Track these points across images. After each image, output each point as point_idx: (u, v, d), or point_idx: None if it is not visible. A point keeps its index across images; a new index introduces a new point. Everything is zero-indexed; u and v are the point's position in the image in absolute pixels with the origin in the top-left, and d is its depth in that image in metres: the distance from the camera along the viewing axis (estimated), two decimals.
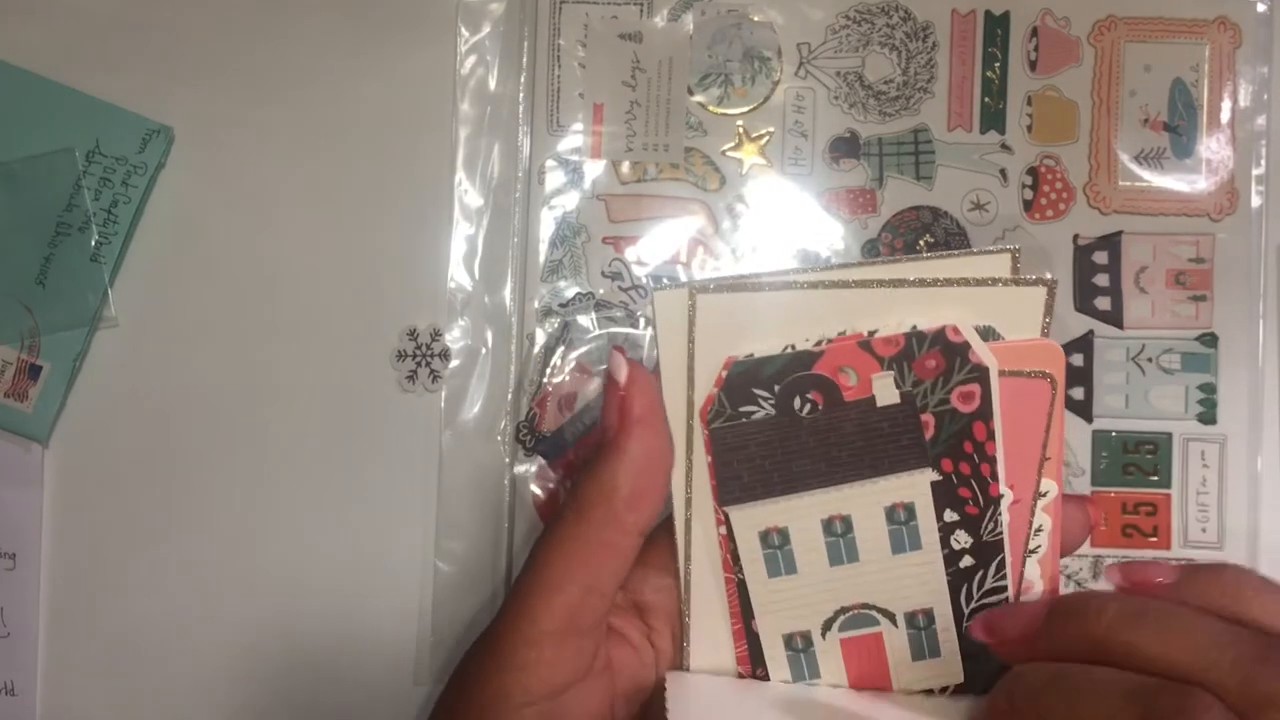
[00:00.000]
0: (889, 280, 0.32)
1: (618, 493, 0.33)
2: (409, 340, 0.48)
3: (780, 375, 0.32)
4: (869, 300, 0.32)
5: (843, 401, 0.33)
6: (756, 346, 0.33)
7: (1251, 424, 0.49)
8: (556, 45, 0.49)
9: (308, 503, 0.48)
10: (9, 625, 0.48)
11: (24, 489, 0.48)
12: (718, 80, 0.49)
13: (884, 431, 0.33)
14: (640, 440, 0.33)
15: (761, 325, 0.33)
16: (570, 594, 0.33)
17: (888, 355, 0.32)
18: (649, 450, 0.33)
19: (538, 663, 0.33)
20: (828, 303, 0.32)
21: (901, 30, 0.49)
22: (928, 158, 0.49)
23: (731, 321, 0.33)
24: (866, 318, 0.33)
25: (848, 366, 0.32)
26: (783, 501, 0.34)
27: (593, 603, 0.33)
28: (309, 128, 0.49)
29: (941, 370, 0.32)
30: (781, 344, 0.33)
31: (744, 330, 0.33)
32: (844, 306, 0.33)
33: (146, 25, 0.49)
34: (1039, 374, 0.33)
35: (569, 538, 0.33)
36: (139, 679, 0.48)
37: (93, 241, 0.48)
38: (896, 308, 0.32)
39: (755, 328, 0.33)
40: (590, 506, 0.33)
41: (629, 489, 0.33)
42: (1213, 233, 0.49)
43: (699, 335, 0.32)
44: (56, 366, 0.48)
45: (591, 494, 0.33)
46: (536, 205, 0.49)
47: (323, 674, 0.48)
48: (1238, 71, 0.49)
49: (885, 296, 0.32)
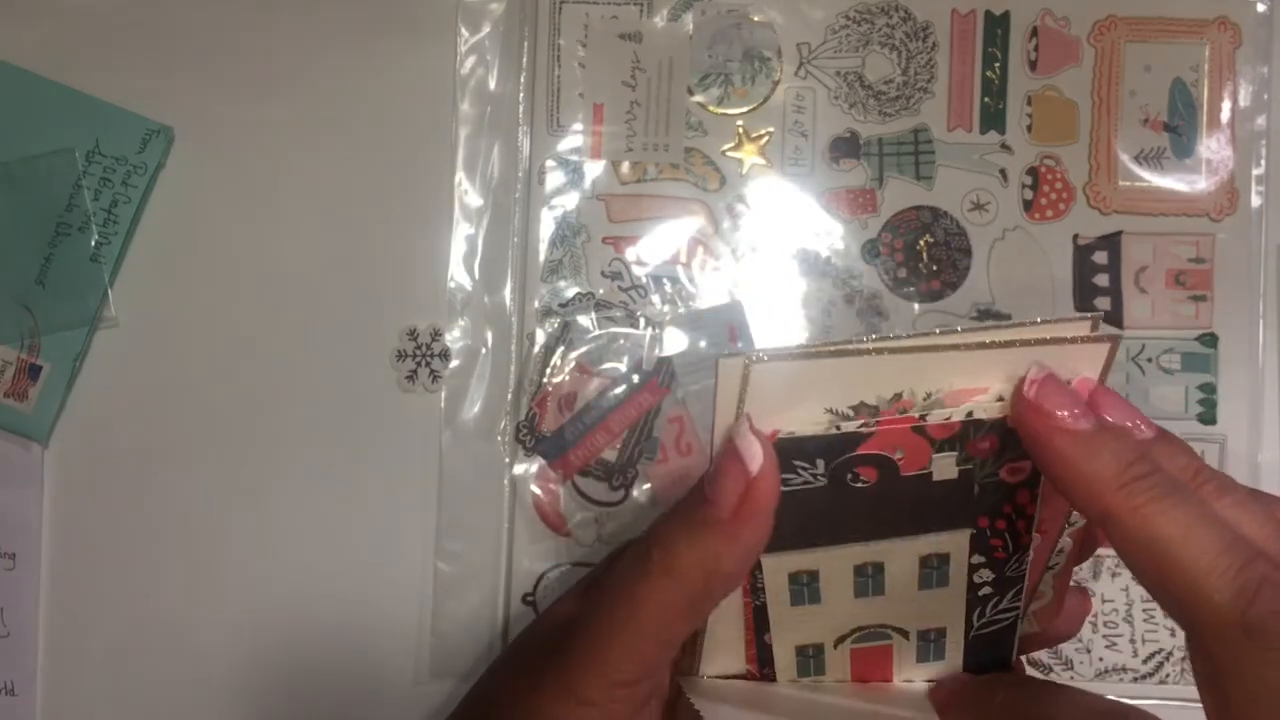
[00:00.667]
0: (945, 346, 0.30)
1: (718, 573, 0.31)
2: (409, 340, 0.48)
3: (828, 451, 0.31)
4: (923, 365, 0.30)
5: (899, 476, 0.31)
6: (810, 410, 0.31)
7: (1251, 424, 0.49)
8: (556, 45, 0.49)
9: (308, 502, 0.48)
10: (9, 625, 0.48)
11: (24, 489, 0.48)
12: (718, 80, 0.49)
13: (935, 499, 0.32)
14: (756, 532, 0.31)
15: (816, 389, 0.31)
16: (648, 651, 0.32)
17: (941, 438, 0.31)
18: (759, 542, 0.31)
19: (610, 708, 0.32)
20: (880, 368, 0.30)
21: (901, 30, 0.49)
22: (928, 158, 0.49)
23: (786, 387, 0.31)
24: (923, 380, 0.31)
25: (900, 447, 0.31)
26: (819, 551, 0.33)
27: (667, 655, 0.33)
28: (309, 128, 0.49)
29: (994, 449, 0.31)
30: (829, 408, 0.31)
31: (800, 395, 0.31)
32: (897, 370, 0.31)
33: (147, 26, 0.49)
34: None
35: (658, 598, 0.31)
36: (139, 679, 0.48)
37: (93, 241, 0.48)
38: (947, 370, 0.31)
39: (810, 390, 0.31)
40: (686, 575, 0.31)
41: (730, 571, 0.31)
42: (1213, 233, 0.49)
43: (751, 401, 0.30)
44: (56, 366, 0.48)
45: (692, 563, 0.31)
46: (536, 205, 0.49)
47: (323, 673, 0.48)
48: (1238, 71, 0.49)
49: (940, 360, 0.30)
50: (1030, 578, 0.34)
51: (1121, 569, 0.49)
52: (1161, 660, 0.49)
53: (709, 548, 0.30)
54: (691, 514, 0.31)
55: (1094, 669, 0.49)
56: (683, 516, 0.31)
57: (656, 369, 0.48)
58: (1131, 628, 0.49)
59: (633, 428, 0.48)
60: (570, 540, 0.48)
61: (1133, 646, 0.49)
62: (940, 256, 0.49)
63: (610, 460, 0.48)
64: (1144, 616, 0.49)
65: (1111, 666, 0.49)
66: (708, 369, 0.48)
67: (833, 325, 0.49)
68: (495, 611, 0.48)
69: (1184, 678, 0.49)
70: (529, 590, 0.48)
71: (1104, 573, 0.49)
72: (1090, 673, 0.49)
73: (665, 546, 0.31)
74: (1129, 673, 0.49)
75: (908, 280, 0.49)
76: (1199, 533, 0.27)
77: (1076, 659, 0.49)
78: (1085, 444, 0.29)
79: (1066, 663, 0.49)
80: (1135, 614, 0.49)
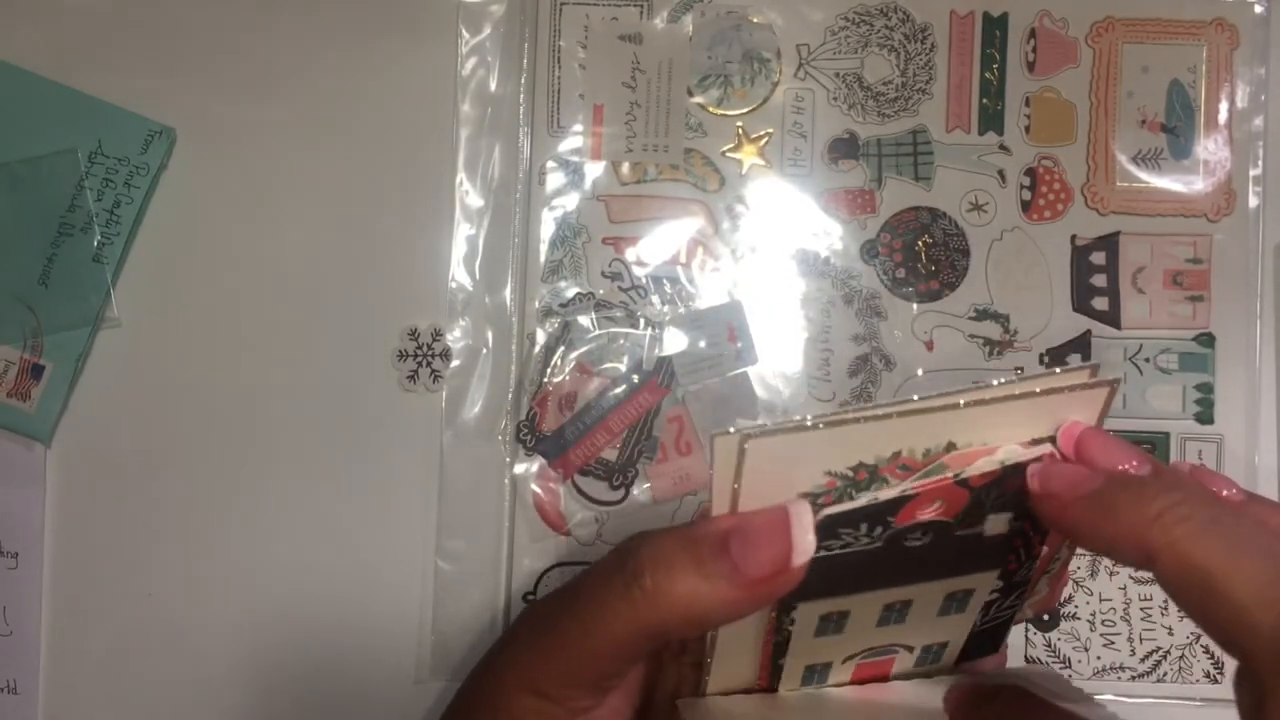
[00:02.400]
0: (939, 407, 0.30)
1: (711, 618, 0.30)
2: (410, 340, 0.49)
3: (873, 517, 0.30)
4: (915, 427, 0.30)
5: (953, 535, 0.31)
6: (809, 474, 0.31)
7: (1248, 423, 0.49)
8: (557, 46, 0.49)
9: (309, 502, 0.48)
10: (11, 624, 0.48)
11: (26, 488, 0.48)
12: (717, 81, 0.49)
13: (979, 550, 0.32)
14: (767, 601, 0.31)
15: (812, 457, 0.31)
16: (612, 661, 0.32)
17: (979, 486, 0.31)
18: (758, 605, 0.31)
19: (568, 705, 0.32)
20: (876, 433, 0.30)
21: (900, 32, 0.49)
22: (926, 158, 0.49)
23: (784, 457, 0.30)
24: (921, 439, 0.31)
25: (939, 498, 0.31)
26: (856, 596, 0.33)
27: (632, 664, 0.33)
28: (310, 129, 0.49)
29: (1022, 487, 0.31)
30: (829, 470, 0.31)
31: (797, 463, 0.31)
32: (892, 434, 0.30)
33: (149, 27, 0.49)
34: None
35: (637, 618, 0.31)
36: (140, 678, 0.48)
37: (95, 242, 0.48)
38: (944, 429, 0.30)
39: (807, 458, 0.31)
40: (675, 609, 0.30)
41: (725, 620, 0.31)
42: (1210, 233, 0.49)
43: (748, 472, 0.30)
44: (59, 366, 0.48)
45: (686, 603, 0.30)
46: (537, 206, 0.49)
47: (324, 673, 0.48)
48: (1235, 73, 0.49)
49: (938, 420, 0.30)
50: (1032, 579, 0.34)
51: (1120, 569, 0.49)
52: (1159, 659, 0.49)
53: (715, 594, 0.30)
54: (703, 560, 0.30)
55: (1092, 667, 0.49)
56: (692, 555, 0.30)
57: (656, 369, 0.48)
58: (1129, 626, 0.49)
59: (633, 427, 0.48)
60: (571, 539, 0.48)
61: (1130, 645, 0.49)
62: (939, 257, 0.49)
63: (610, 460, 0.48)
64: (1141, 615, 0.49)
65: (1109, 665, 0.49)
66: (708, 369, 0.49)
67: (832, 325, 0.49)
68: (496, 611, 0.48)
69: (1181, 676, 0.49)
70: (530, 589, 0.48)
71: (1101, 572, 0.49)
72: (1088, 671, 0.49)
73: (662, 575, 0.30)
74: (1126, 671, 0.49)
75: (906, 280, 0.49)
76: (1242, 561, 0.26)
77: (1074, 657, 0.49)
78: (1099, 505, 0.28)
79: (1065, 661, 0.49)
80: (1133, 613, 0.49)
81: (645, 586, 0.30)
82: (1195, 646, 0.49)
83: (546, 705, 0.32)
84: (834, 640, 0.34)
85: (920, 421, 0.30)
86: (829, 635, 0.34)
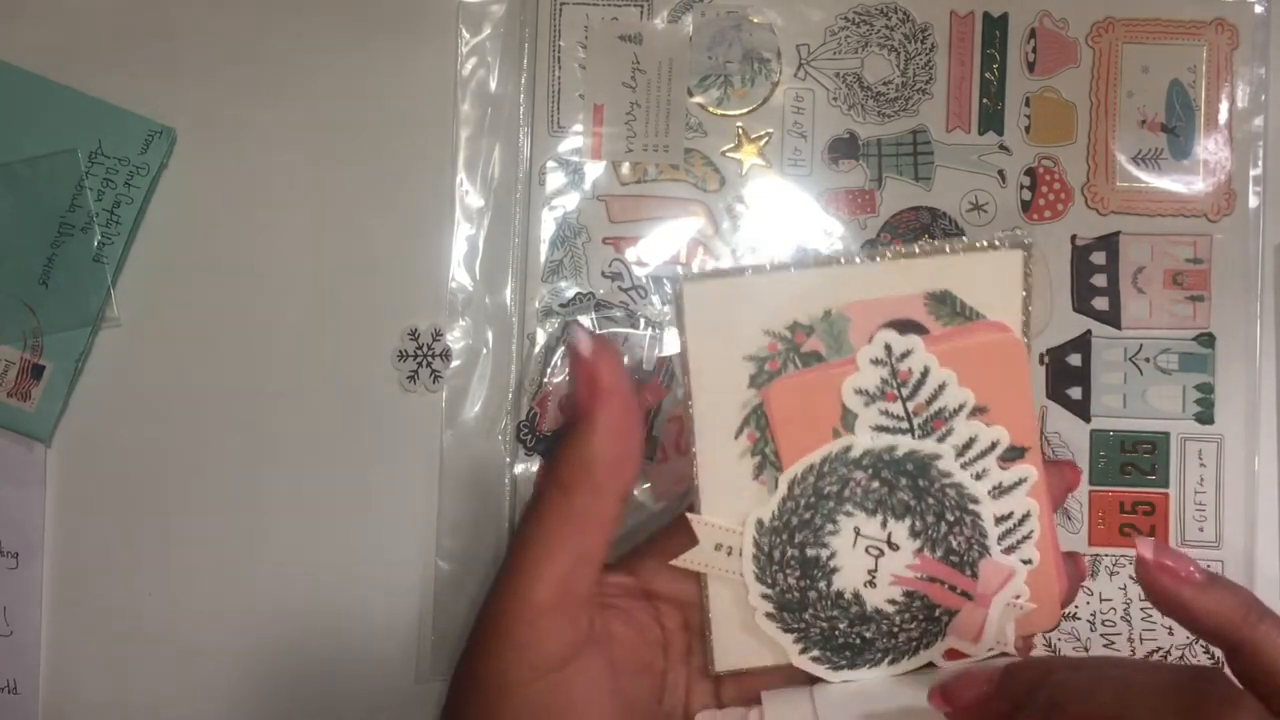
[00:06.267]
0: (866, 257, 0.34)
1: (596, 462, 0.34)
2: (410, 340, 0.49)
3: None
4: (851, 275, 0.34)
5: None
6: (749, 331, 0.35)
7: (1249, 423, 0.49)
8: (557, 46, 0.49)
9: (309, 502, 0.48)
10: (12, 624, 0.48)
11: (27, 488, 0.48)
12: (717, 81, 0.49)
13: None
14: (610, 409, 0.34)
15: (750, 310, 0.35)
16: (561, 566, 0.34)
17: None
18: (620, 417, 0.34)
19: (537, 639, 0.34)
20: (806, 284, 0.35)
21: (900, 31, 0.49)
22: (926, 159, 0.49)
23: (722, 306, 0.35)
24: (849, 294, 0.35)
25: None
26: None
27: (583, 572, 0.34)
28: (311, 129, 0.49)
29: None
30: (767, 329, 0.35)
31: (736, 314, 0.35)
32: (827, 283, 0.35)
33: (149, 27, 0.49)
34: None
35: (554, 512, 0.34)
36: (141, 678, 0.48)
37: (95, 242, 0.48)
38: (870, 283, 0.34)
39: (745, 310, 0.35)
40: (571, 479, 0.34)
41: (607, 457, 0.34)
42: (1210, 233, 0.49)
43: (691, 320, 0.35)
44: (59, 366, 0.48)
45: (572, 466, 0.34)
46: (537, 206, 0.49)
47: (324, 672, 0.48)
48: (1235, 73, 0.49)
49: (862, 272, 0.34)
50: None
51: (1119, 568, 0.49)
52: (1159, 659, 0.49)
53: (581, 446, 0.34)
54: (566, 428, 0.35)
55: None
56: (561, 435, 0.35)
57: (656, 369, 0.48)
58: (1130, 626, 0.49)
59: None
60: None
61: (1131, 646, 0.49)
62: None
63: None
64: (1142, 616, 0.49)
65: None
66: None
67: None
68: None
69: None
70: None
71: (1102, 572, 0.49)
72: None
73: (551, 466, 0.35)
74: None
75: None
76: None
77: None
78: (1207, 592, 0.33)
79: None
80: (1133, 613, 0.49)
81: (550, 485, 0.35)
82: (1195, 646, 0.49)
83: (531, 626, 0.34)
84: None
85: (847, 273, 0.34)
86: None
